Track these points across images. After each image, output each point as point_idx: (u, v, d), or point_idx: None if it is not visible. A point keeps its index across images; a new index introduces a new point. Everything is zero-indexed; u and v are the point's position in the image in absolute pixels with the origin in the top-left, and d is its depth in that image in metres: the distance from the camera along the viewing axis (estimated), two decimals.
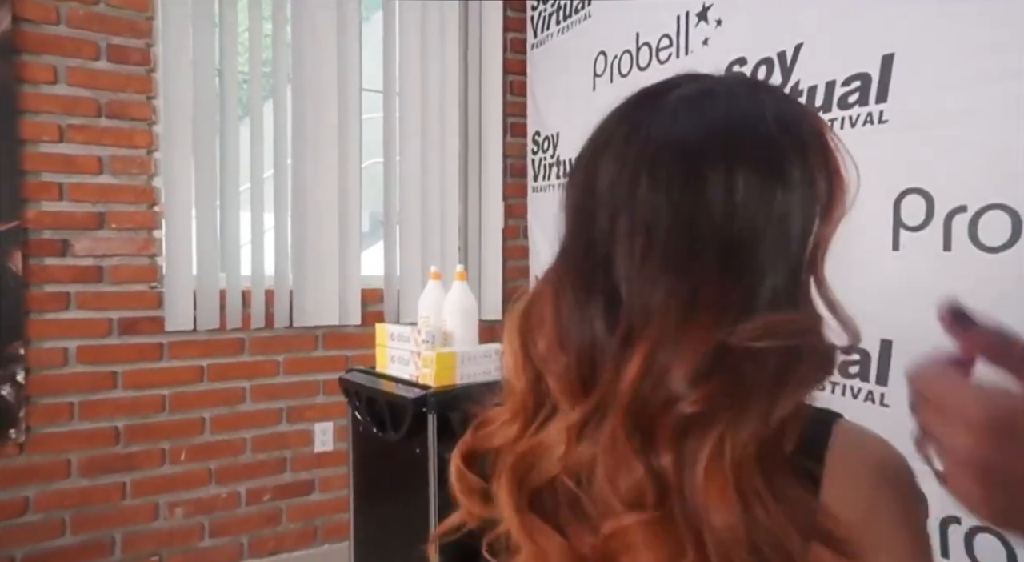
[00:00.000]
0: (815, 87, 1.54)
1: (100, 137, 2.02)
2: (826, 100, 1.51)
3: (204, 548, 2.18)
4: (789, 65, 1.60)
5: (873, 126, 1.41)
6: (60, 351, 1.98)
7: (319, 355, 2.36)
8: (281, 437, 2.31)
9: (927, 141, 1.30)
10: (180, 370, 2.15)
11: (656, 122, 0.44)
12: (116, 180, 2.05)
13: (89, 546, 2.02)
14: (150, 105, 2.08)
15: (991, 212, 1.18)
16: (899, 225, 1.35)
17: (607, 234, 0.43)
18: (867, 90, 1.43)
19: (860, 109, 1.45)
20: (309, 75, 2.28)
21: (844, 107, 1.48)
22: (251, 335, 2.24)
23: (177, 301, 2.11)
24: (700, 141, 0.42)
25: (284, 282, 2.27)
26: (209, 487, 2.19)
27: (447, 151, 2.54)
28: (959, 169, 1.24)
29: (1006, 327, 0.34)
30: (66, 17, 1.95)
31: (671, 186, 0.42)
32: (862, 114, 1.45)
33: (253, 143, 2.22)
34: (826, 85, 1.52)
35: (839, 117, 1.48)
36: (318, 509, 2.36)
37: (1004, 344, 0.33)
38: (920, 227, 1.31)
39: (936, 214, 1.28)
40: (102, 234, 2.03)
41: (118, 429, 2.06)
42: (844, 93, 1.49)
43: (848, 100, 1.47)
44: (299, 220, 2.28)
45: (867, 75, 1.42)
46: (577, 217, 0.46)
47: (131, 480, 2.08)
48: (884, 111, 1.39)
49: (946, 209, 1.26)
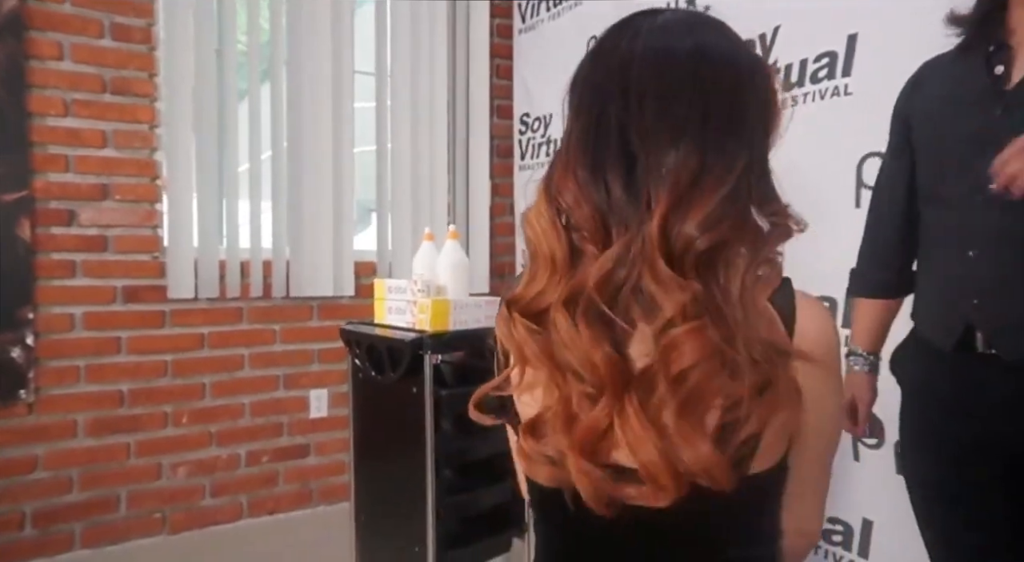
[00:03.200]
0: (791, 64, 1.70)
1: (104, 112, 2.11)
2: (800, 75, 1.67)
3: (205, 507, 2.28)
4: (769, 45, 1.75)
5: (839, 97, 1.57)
6: (67, 316, 2.07)
7: (314, 325, 2.46)
8: (278, 403, 2.41)
9: (886, 109, 1.45)
10: (182, 337, 2.24)
11: (656, 27, 0.56)
12: (119, 154, 2.14)
13: (96, 502, 2.11)
14: (152, 82, 2.18)
15: None
16: (860, 185, 1.50)
17: (622, 110, 0.54)
18: (834, 66, 1.59)
19: (828, 82, 1.60)
20: (305, 57, 2.38)
21: (815, 81, 1.63)
22: (249, 304, 2.34)
23: (178, 271, 2.20)
24: (701, 41, 0.55)
25: (281, 254, 2.37)
26: (210, 449, 2.29)
27: (436, 132, 2.65)
28: None
29: None
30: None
31: (681, 67, 0.54)
32: (830, 87, 1.60)
33: (252, 121, 2.32)
34: (800, 62, 1.67)
35: (811, 90, 1.64)
36: (313, 472, 2.47)
37: None
38: None
39: None
40: (106, 205, 2.12)
41: (122, 392, 2.16)
42: (815, 69, 1.64)
43: (818, 75, 1.63)
44: (295, 193, 2.38)
45: (834, 53, 1.58)
46: (591, 97, 0.57)
47: (135, 441, 2.17)
48: (849, 84, 1.55)
49: None
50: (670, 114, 0.53)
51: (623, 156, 0.53)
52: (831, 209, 1.55)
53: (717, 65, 0.55)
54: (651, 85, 0.53)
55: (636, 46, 0.55)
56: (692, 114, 0.53)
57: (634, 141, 0.53)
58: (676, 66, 0.54)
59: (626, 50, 0.55)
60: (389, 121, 2.58)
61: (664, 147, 0.52)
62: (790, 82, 1.71)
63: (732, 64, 0.55)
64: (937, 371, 1.02)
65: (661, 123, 0.53)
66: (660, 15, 0.58)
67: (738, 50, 0.57)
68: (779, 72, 1.71)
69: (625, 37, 0.56)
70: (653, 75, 0.54)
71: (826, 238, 1.55)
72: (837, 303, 1.56)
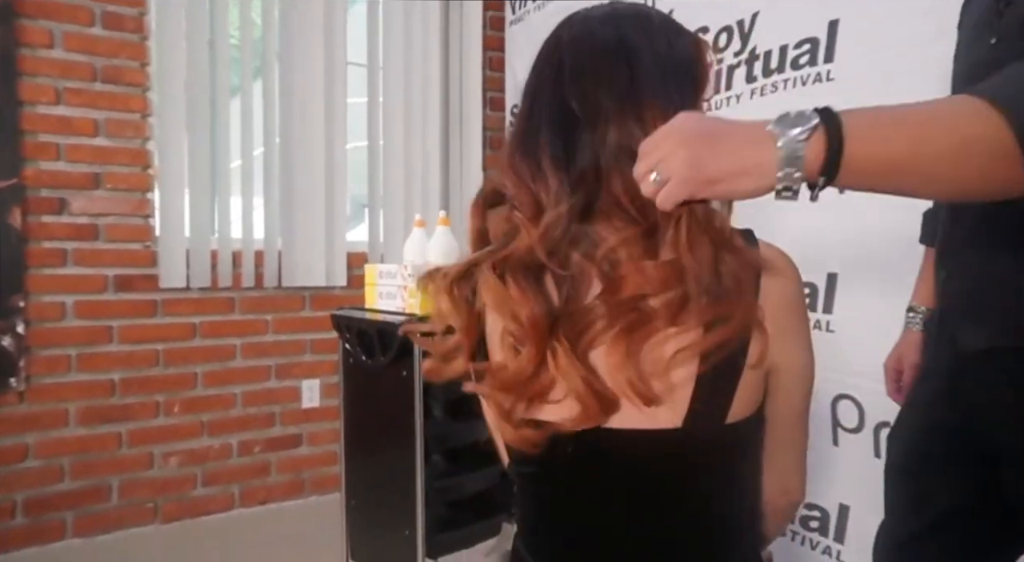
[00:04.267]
0: (770, 51, 1.70)
1: (96, 101, 2.11)
2: (780, 62, 1.67)
3: (197, 496, 2.29)
4: (747, 31, 1.76)
5: (822, 84, 1.58)
6: (58, 305, 2.07)
7: (307, 315, 2.47)
8: (270, 393, 2.42)
9: (867, 95, 1.46)
10: (173, 326, 2.25)
11: (581, 18, 0.62)
12: (111, 142, 2.14)
13: (87, 492, 2.11)
14: (144, 71, 2.18)
15: None
16: None
17: (556, 84, 0.59)
18: (816, 52, 1.60)
19: (810, 69, 1.61)
20: (298, 50, 2.38)
21: (796, 68, 1.64)
22: (242, 294, 2.35)
23: (170, 260, 2.20)
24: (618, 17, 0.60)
25: (273, 244, 2.38)
26: (202, 439, 2.29)
27: (429, 125, 2.66)
28: None
29: None
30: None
31: (605, 41, 0.58)
32: (811, 74, 1.61)
33: (244, 114, 2.32)
34: (780, 48, 1.68)
35: (792, 77, 1.64)
36: (305, 462, 2.48)
37: None
38: None
39: None
40: (98, 194, 2.12)
41: (114, 381, 2.16)
42: (796, 55, 1.65)
43: (799, 62, 1.64)
44: (288, 183, 2.39)
45: (816, 39, 1.59)
46: (530, 84, 0.62)
47: (127, 430, 2.17)
48: (831, 70, 1.56)
49: None
50: (601, 80, 0.57)
51: (559, 131, 0.58)
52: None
53: (637, 34, 0.59)
54: (580, 60, 0.58)
55: (563, 35, 0.62)
56: (619, 77, 0.57)
57: (569, 112, 0.57)
58: (599, 42, 0.59)
59: (554, 40, 0.62)
60: (382, 114, 2.59)
61: (599, 112, 0.56)
62: (719, 47, 1.76)
63: (647, 34, 0.60)
64: (925, 354, 0.99)
65: (594, 90, 0.57)
66: (586, 9, 0.63)
67: (655, 25, 0.61)
68: (709, 44, 1.72)
69: (555, 35, 0.63)
70: (582, 51, 0.59)
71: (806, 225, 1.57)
72: (818, 290, 1.57)
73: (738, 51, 1.75)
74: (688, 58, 0.59)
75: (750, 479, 0.62)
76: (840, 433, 1.54)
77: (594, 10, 0.63)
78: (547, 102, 0.59)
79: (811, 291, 1.59)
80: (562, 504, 0.64)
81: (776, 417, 0.61)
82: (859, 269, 1.54)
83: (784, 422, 0.62)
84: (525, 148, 0.59)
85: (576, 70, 0.58)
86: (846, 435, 1.53)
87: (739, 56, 1.75)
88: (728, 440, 0.56)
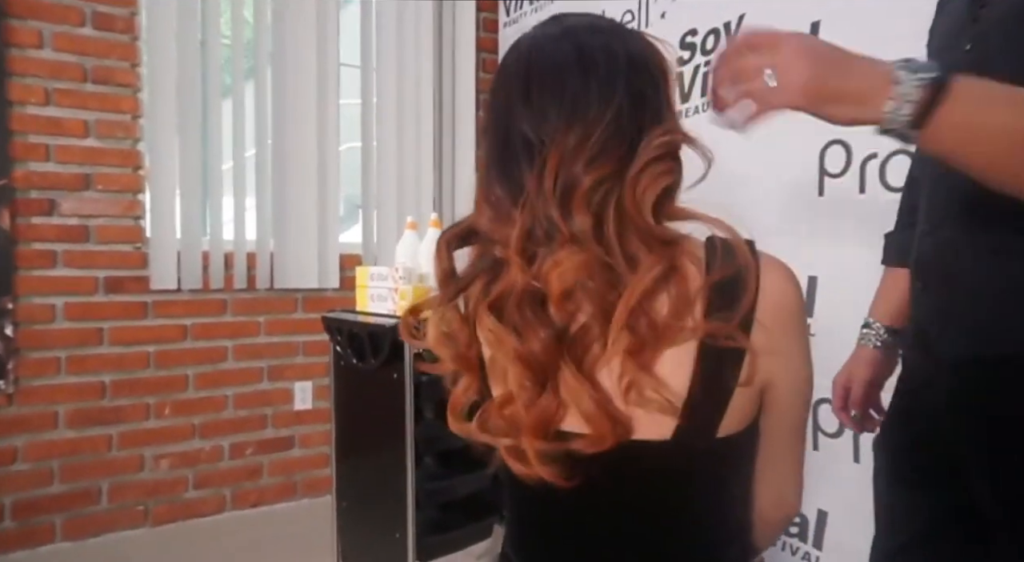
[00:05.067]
0: None
1: (86, 101, 2.10)
2: None
3: (188, 499, 2.28)
4: (734, 34, 1.76)
5: None
6: (48, 307, 2.06)
7: (299, 317, 2.46)
8: (262, 395, 2.41)
9: None
10: (164, 328, 2.23)
11: (531, 36, 0.61)
12: (102, 143, 2.13)
13: (77, 494, 2.10)
14: (135, 72, 2.17)
15: (897, 157, 1.35)
16: (824, 173, 1.51)
17: (518, 114, 0.58)
18: None
19: None
20: (290, 50, 2.38)
21: None
22: (233, 296, 2.34)
23: (161, 261, 2.19)
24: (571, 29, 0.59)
25: (265, 245, 2.37)
26: (193, 441, 2.28)
27: (422, 126, 2.66)
28: None
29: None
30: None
31: (559, 52, 0.57)
32: None
33: (235, 115, 2.31)
34: None
35: None
36: (298, 464, 2.47)
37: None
38: (840, 174, 1.48)
39: (853, 161, 1.45)
40: (88, 195, 2.11)
41: (104, 383, 2.14)
42: None
43: None
44: (280, 185, 2.38)
45: None
46: (494, 115, 0.61)
47: (117, 432, 2.16)
48: None
49: (861, 156, 1.43)
50: (564, 95, 0.56)
51: (527, 150, 0.57)
52: (794, 198, 1.56)
53: (593, 42, 0.58)
54: (535, 73, 0.58)
55: (520, 56, 0.60)
56: (574, 86, 0.56)
57: (530, 130, 0.57)
58: (555, 53, 0.58)
59: (511, 62, 0.61)
60: (375, 115, 2.58)
61: (555, 124, 0.56)
62: (706, 50, 1.77)
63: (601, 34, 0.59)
64: (904, 362, 0.96)
65: (559, 108, 0.56)
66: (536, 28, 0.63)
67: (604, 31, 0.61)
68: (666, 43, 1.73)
69: (509, 57, 0.62)
70: (537, 65, 0.58)
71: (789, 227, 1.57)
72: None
73: None
74: (646, 58, 0.59)
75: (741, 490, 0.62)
76: (820, 438, 1.54)
77: (545, 27, 0.62)
78: (516, 128, 0.57)
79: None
80: (550, 511, 0.63)
81: (772, 429, 0.60)
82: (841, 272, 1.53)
83: (780, 434, 0.61)
84: (504, 179, 0.59)
85: (541, 89, 0.56)
86: (826, 440, 1.52)
87: None
88: (719, 453, 0.55)
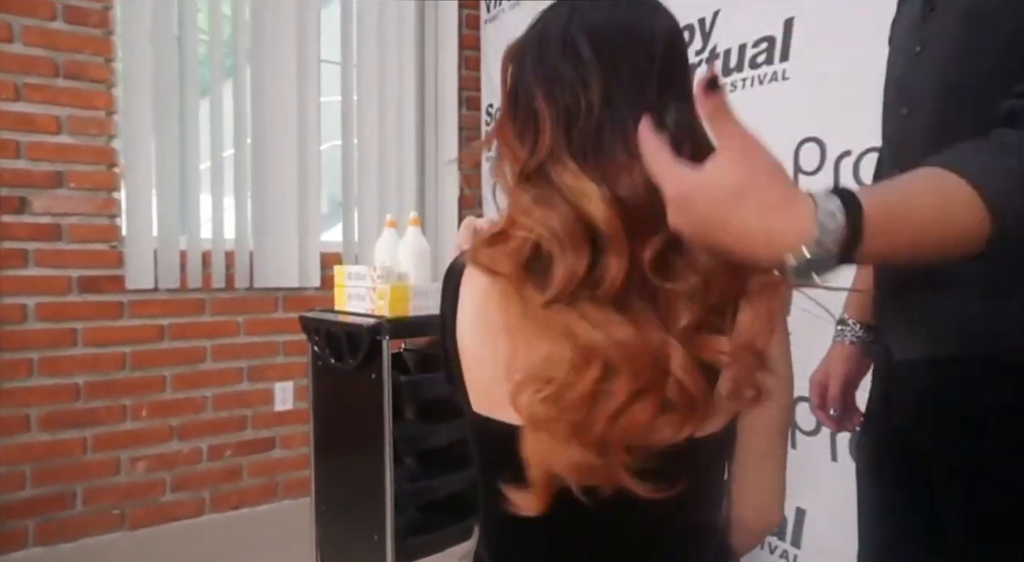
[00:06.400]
0: (730, 50, 1.70)
1: (58, 97, 2.05)
2: (739, 61, 1.67)
3: (166, 502, 2.24)
4: (708, 30, 1.75)
5: (778, 83, 1.58)
6: (19, 307, 2.01)
7: (279, 316, 2.42)
8: (242, 396, 2.37)
9: (821, 94, 1.47)
10: (141, 328, 2.19)
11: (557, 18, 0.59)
12: (75, 140, 2.08)
13: (50, 499, 2.05)
14: (109, 67, 2.12)
15: (870, 154, 1.35)
16: (798, 171, 1.51)
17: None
18: (772, 51, 1.60)
19: (767, 68, 1.61)
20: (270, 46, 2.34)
21: (754, 67, 1.64)
22: (212, 295, 2.30)
23: (137, 260, 2.15)
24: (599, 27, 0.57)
25: (245, 244, 2.33)
26: (171, 443, 2.24)
27: (404, 124, 2.63)
28: (846, 118, 1.40)
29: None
30: None
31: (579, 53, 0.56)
32: (768, 72, 1.61)
33: (213, 111, 2.27)
34: (739, 47, 1.68)
35: (750, 76, 1.64)
36: (279, 465, 2.44)
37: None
38: (815, 171, 1.47)
39: (828, 159, 1.45)
40: (61, 193, 2.07)
41: (78, 385, 2.10)
42: (754, 54, 1.65)
43: (757, 60, 1.64)
44: (260, 181, 2.34)
45: (772, 37, 1.58)
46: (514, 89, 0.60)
47: (92, 435, 2.12)
48: (787, 69, 1.56)
49: (835, 154, 1.43)
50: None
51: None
52: None
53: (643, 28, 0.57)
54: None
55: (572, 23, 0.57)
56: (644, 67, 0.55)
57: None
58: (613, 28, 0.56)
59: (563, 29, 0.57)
60: (356, 113, 2.55)
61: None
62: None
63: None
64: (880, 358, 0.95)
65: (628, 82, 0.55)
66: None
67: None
68: (718, 57, 1.71)
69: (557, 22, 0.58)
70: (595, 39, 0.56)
71: None
72: None
73: (699, 50, 1.75)
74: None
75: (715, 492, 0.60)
76: (798, 436, 1.54)
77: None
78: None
79: None
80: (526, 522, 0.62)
81: (751, 432, 0.58)
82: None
83: (758, 437, 0.58)
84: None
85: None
86: (804, 438, 1.52)
87: (700, 55, 1.74)
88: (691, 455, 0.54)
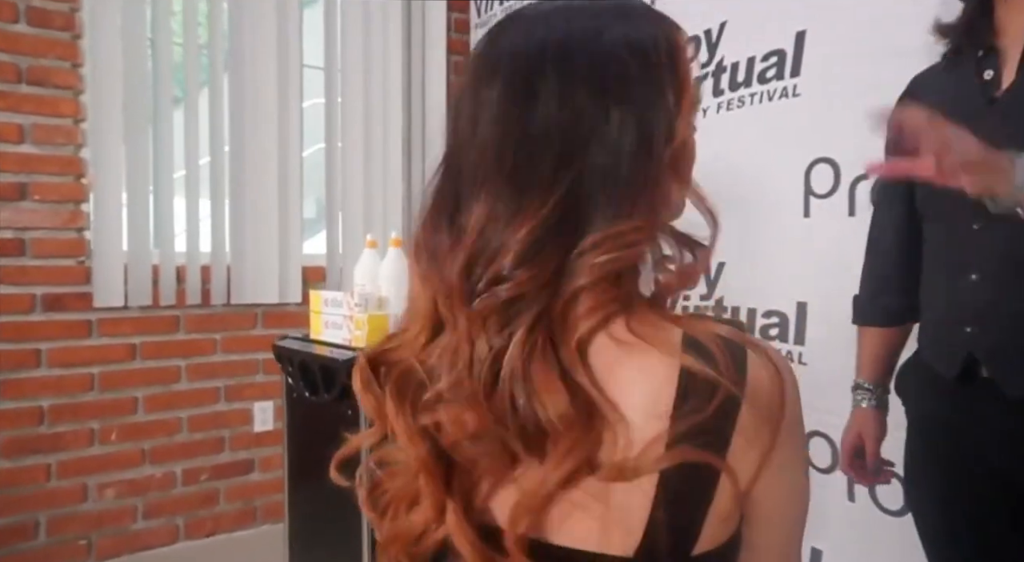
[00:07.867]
0: (737, 63, 1.61)
1: (20, 104, 1.94)
2: (747, 75, 1.59)
3: (137, 530, 2.13)
4: (715, 42, 1.67)
5: (788, 99, 1.49)
6: None
7: (258, 333, 2.32)
8: (219, 416, 2.27)
9: (835, 113, 1.38)
10: (110, 347, 2.08)
11: (505, 37, 0.48)
12: (39, 150, 1.97)
13: (10, 529, 1.94)
14: (76, 73, 2.01)
15: None
16: (809, 193, 1.43)
17: (460, 146, 0.47)
18: (783, 65, 1.51)
19: (777, 83, 1.52)
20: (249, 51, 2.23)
21: (763, 82, 1.55)
22: (186, 312, 2.19)
23: (106, 276, 2.04)
24: (536, 56, 0.45)
25: (221, 258, 2.23)
26: (142, 467, 2.14)
27: (390, 130, 2.53)
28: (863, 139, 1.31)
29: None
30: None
31: (506, 99, 0.45)
32: (778, 88, 1.52)
33: (188, 118, 2.16)
34: (747, 61, 1.59)
35: (759, 91, 1.55)
36: (257, 489, 2.33)
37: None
38: (828, 194, 1.39)
39: (842, 182, 1.36)
40: (24, 206, 1.95)
41: (42, 408, 1.99)
42: (763, 69, 1.56)
43: (766, 75, 1.55)
44: (238, 192, 2.24)
45: (783, 51, 1.50)
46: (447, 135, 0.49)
47: (57, 461, 2.01)
48: (798, 85, 1.47)
49: (850, 177, 1.34)
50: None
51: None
52: (778, 219, 1.47)
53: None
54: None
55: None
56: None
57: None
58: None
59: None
60: (340, 119, 2.45)
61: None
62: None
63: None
64: (942, 401, 0.97)
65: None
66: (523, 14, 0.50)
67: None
68: (725, 70, 1.63)
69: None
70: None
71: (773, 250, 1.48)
72: (788, 319, 1.48)
73: (705, 62, 1.67)
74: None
75: None
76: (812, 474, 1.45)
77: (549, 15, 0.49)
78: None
79: (780, 321, 1.50)
80: None
81: (759, 546, 0.50)
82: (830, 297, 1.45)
83: (769, 552, 0.51)
84: (440, 197, 0.49)
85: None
86: (818, 476, 1.44)
87: (706, 68, 1.66)
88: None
